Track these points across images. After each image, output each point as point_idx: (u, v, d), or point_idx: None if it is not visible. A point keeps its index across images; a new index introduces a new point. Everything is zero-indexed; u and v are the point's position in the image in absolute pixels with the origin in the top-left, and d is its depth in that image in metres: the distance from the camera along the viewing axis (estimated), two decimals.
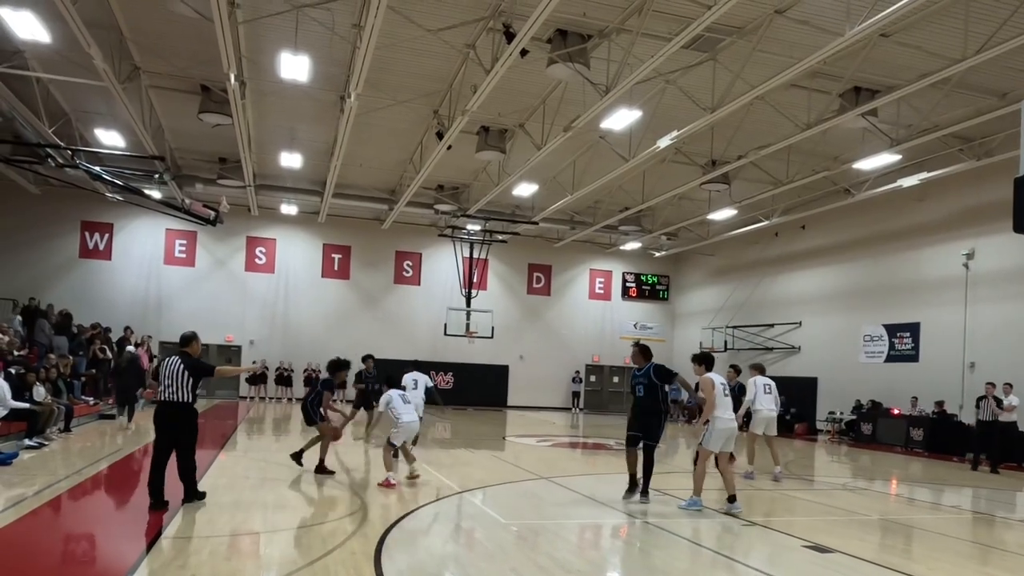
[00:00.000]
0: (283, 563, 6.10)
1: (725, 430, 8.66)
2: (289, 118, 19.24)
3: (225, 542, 6.54)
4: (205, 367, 8.47)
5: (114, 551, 6.55)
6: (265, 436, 17.29)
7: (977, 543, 8.26)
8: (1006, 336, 18.79)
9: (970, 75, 13.92)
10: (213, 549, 6.22)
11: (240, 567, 5.78)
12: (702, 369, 8.91)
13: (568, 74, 13.53)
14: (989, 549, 7.99)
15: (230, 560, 5.92)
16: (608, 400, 33.18)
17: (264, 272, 29.59)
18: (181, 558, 5.93)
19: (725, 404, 8.72)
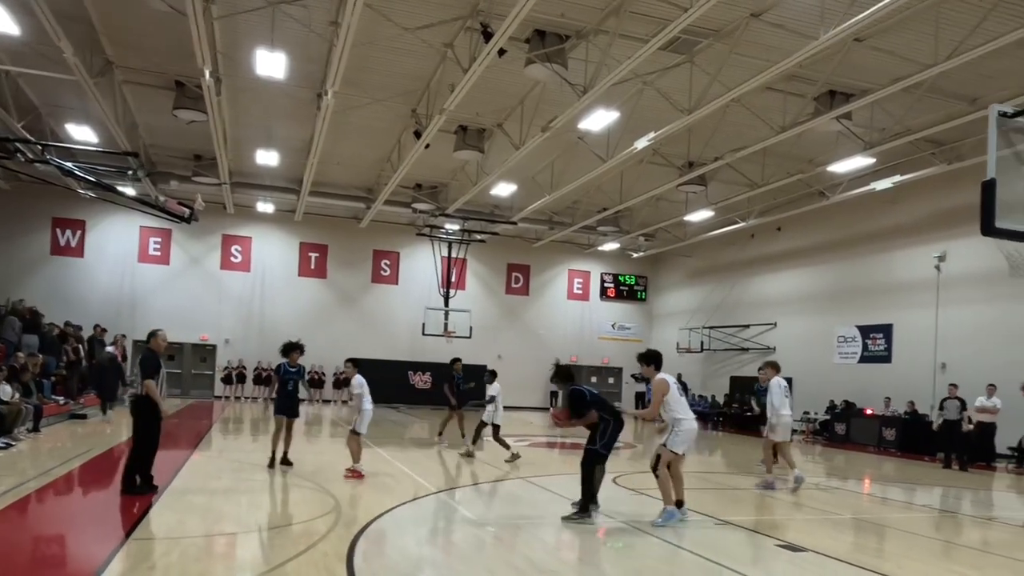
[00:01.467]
0: (254, 564, 6.04)
1: (690, 431, 8.10)
2: (265, 115, 19.06)
3: (195, 543, 6.46)
4: (144, 368, 8.47)
5: (82, 552, 6.44)
6: (240, 436, 17.11)
7: (946, 541, 8.38)
8: (976, 337, 19.11)
9: (941, 80, 14.14)
10: (183, 550, 6.15)
11: (209, 568, 5.72)
12: (652, 370, 8.16)
13: (546, 74, 13.54)
14: (958, 547, 8.12)
15: (199, 561, 5.85)
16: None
17: (240, 271, 29.28)
18: (150, 559, 5.85)
19: (684, 404, 8.13)
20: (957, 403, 16.15)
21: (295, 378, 11.14)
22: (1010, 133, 6.39)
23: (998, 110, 6.15)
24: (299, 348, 11.16)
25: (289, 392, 11.02)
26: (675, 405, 8.04)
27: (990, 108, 6.14)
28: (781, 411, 10.96)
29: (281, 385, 11.01)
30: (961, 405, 16.12)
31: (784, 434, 11.18)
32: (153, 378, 8.32)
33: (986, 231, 6.11)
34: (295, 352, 11.09)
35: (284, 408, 10.99)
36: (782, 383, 11.07)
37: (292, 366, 11.11)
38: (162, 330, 8.89)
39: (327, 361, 29.18)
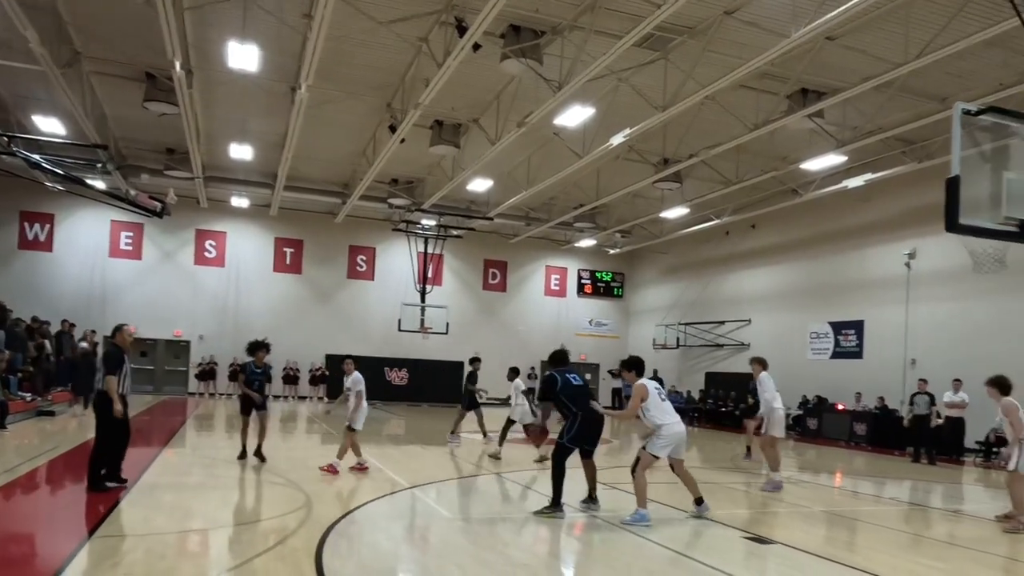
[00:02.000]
0: (221, 561, 5.99)
1: (673, 435, 7.94)
2: (239, 109, 18.84)
3: (162, 540, 6.38)
4: (107, 363, 8.39)
5: (43, 551, 6.33)
6: (213, 433, 16.92)
7: (914, 534, 8.51)
8: (944, 334, 19.44)
9: (911, 79, 14.34)
10: (149, 547, 6.07)
11: (175, 565, 5.64)
12: (633, 375, 8.14)
13: (521, 70, 13.53)
14: (925, 539, 8.25)
15: (164, 559, 5.77)
16: None
17: (214, 266, 28.95)
18: (115, 556, 5.77)
19: (666, 409, 8.00)
20: (927, 398, 16.42)
21: (260, 379, 11.01)
22: (975, 131, 6.49)
23: (962, 108, 6.23)
24: (265, 347, 11.02)
25: (258, 390, 10.97)
26: (655, 410, 7.93)
27: (954, 106, 6.22)
28: (774, 405, 10.93)
29: (247, 384, 10.93)
30: (930, 400, 16.39)
31: (779, 429, 11.10)
32: (115, 374, 8.19)
33: (950, 227, 6.20)
34: (261, 351, 10.96)
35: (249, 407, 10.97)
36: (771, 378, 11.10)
37: (258, 366, 10.98)
38: (128, 325, 8.76)
39: (302, 357, 29.00)
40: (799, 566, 6.50)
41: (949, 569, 6.66)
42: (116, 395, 8.16)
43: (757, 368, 11.26)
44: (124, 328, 8.63)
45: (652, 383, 8.09)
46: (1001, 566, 7.06)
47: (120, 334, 8.56)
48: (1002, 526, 8.59)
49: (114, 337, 8.58)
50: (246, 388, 10.99)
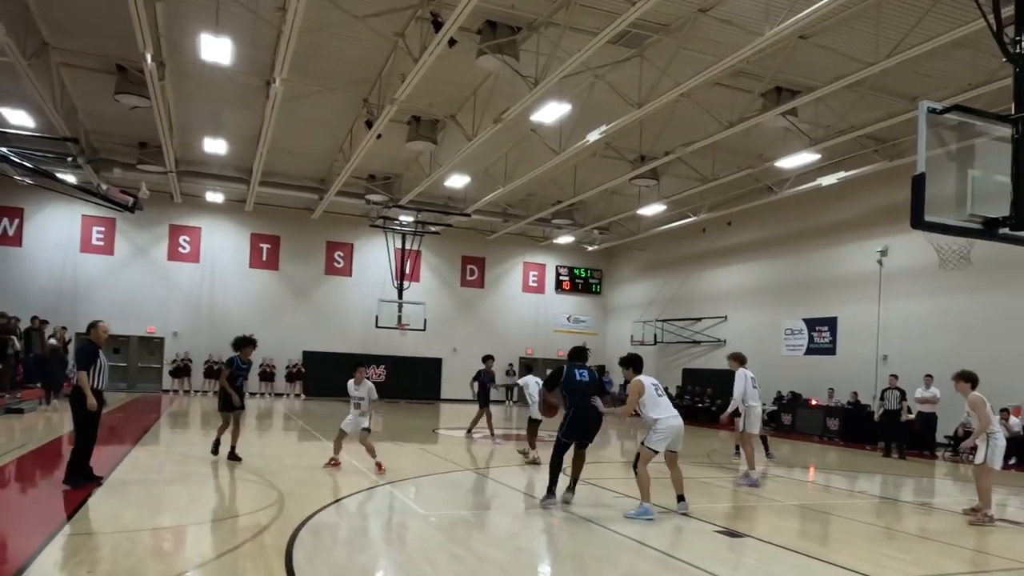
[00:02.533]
0: (188, 558, 5.93)
1: (669, 428, 8.11)
2: (212, 102, 18.63)
3: (129, 537, 6.30)
4: (79, 359, 8.38)
5: (8, 548, 6.22)
6: (187, 430, 16.74)
7: (882, 527, 8.62)
8: (915, 330, 19.74)
9: (882, 79, 14.53)
10: (115, 544, 6.00)
11: (141, 563, 5.57)
12: (631, 372, 8.33)
13: (497, 66, 13.51)
14: (893, 532, 8.36)
15: (131, 556, 5.70)
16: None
17: (188, 261, 28.63)
18: (80, 554, 5.69)
19: (662, 404, 8.16)
20: (897, 393, 16.67)
21: (245, 375, 10.81)
22: (942, 130, 6.56)
23: (928, 106, 6.30)
24: (252, 343, 10.81)
25: (238, 388, 10.70)
26: (651, 406, 8.11)
27: (920, 104, 6.29)
28: (750, 402, 11.05)
29: (231, 380, 10.61)
30: (900, 395, 16.64)
31: (755, 425, 11.23)
32: (88, 370, 8.17)
33: (916, 224, 6.26)
34: (249, 347, 10.73)
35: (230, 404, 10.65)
36: (748, 374, 11.16)
37: (244, 362, 10.77)
38: (103, 321, 8.70)
39: (279, 354, 28.77)
40: (769, 559, 6.57)
41: (915, 560, 6.77)
42: (89, 390, 8.11)
43: (734, 364, 11.34)
44: (99, 324, 8.58)
45: (649, 379, 8.25)
46: (966, 558, 7.19)
47: (95, 330, 8.53)
48: (968, 519, 8.74)
49: (89, 333, 8.56)
50: (229, 384, 10.64)
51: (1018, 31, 6.51)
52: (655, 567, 6.17)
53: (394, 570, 5.92)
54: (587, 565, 6.32)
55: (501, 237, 31.58)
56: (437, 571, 5.68)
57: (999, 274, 17.04)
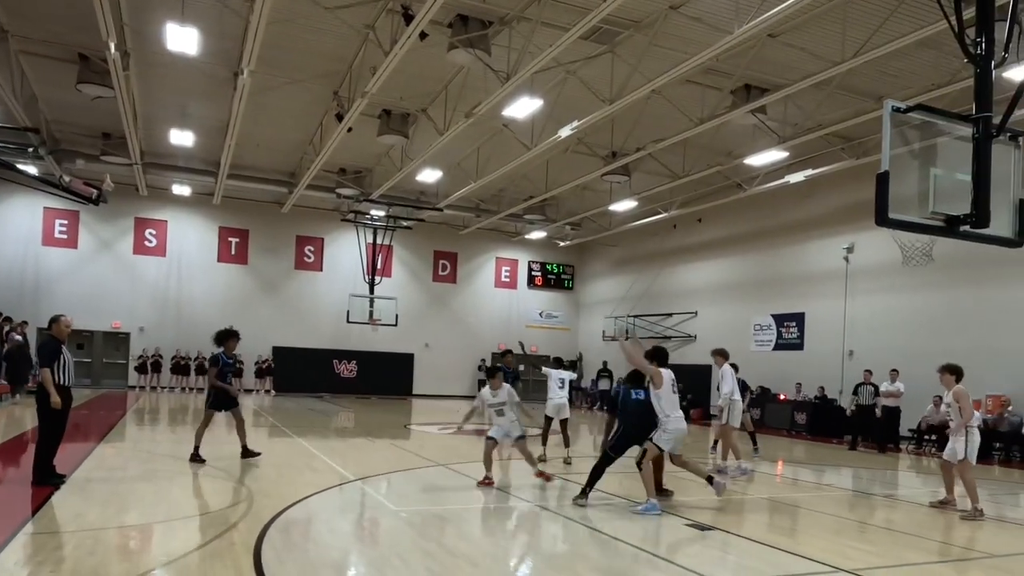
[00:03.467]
0: (154, 556, 5.85)
1: (676, 431, 8.25)
2: (179, 93, 18.29)
3: (93, 535, 6.19)
4: (42, 355, 8.23)
5: None
6: (155, 427, 16.48)
7: (848, 519, 8.78)
8: (880, 325, 20.11)
9: (849, 78, 14.76)
10: (79, 543, 5.89)
11: (105, 561, 5.48)
12: (655, 364, 8.44)
13: (469, 60, 13.46)
14: (859, 524, 8.52)
15: (95, 554, 5.60)
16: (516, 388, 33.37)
17: (154, 255, 28.13)
18: (42, 553, 5.58)
19: (674, 402, 8.31)
20: (871, 388, 16.93)
21: (233, 369, 10.60)
22: (905, 129, 6.67)
23: (892, 105, 6.42)
24: (236, 335, 10.56)
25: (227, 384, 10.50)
26: (667, 401, 8.21)
27: (885, 103, 6.40)
28: (734, 396, 11.38)
29: (220, 377, 10.36)
30: (875, 391, 16.91)
31: (738, 419, 11.60)
32: (51, 366, 8.02)
33: (880, 222, 6.38)
34: (232, 340, 10.45)
35: (223, 403, 10.42)
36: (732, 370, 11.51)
37: (229, 356, 10.55)
38: (65, 315, 8.53)
39: (248, 349, 28.33)
40: (738, 552, 6.66)
41: (880, 552, 6.92)
42: (52, 387, 7.97)
43: (719, 360, 11.61)
44: (61, 319, 8.41)
45: (669, 375, 8.39)
46: (929, 548, 7.35)
47: (56, 325, 8.36)
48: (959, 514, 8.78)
49: (50, 328, 8.38)
50: (218, 382, 10.36)
51: (979, 32, 6.65)
52: (626, 561, 6.22)
53: (365, 566, 5.90)
54: (559, 560, 6.35)
55: (473, 232, 31.53)
56: (408, 567, 5.67)
57: (960, 271, 17.43)
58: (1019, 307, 16.74)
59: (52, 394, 7.93)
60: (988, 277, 17.21)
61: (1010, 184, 6.77)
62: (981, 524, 8.42)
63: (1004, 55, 6.73)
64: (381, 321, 27.80)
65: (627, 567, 6.02)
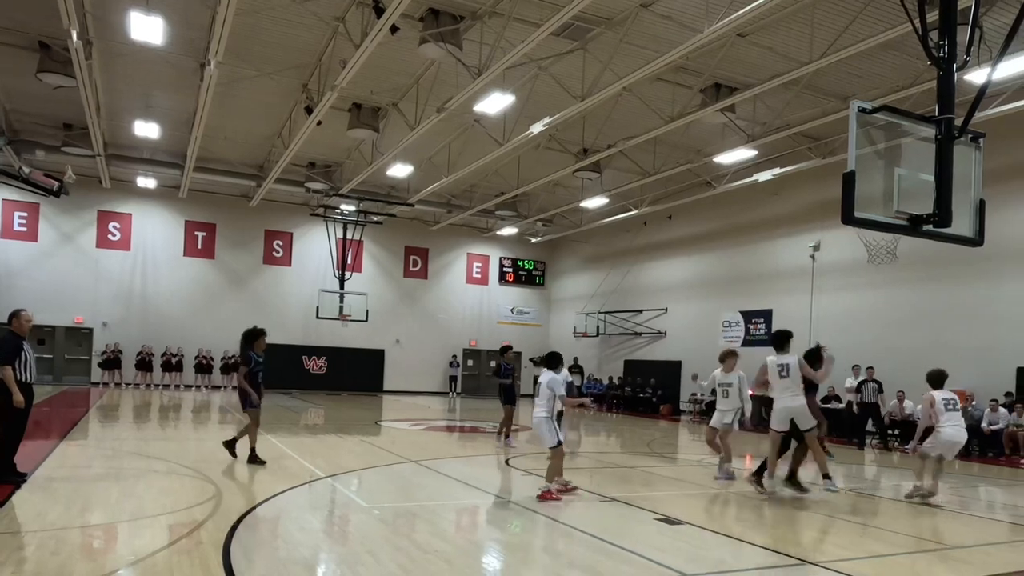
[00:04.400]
0: (120, 556, 5.74)
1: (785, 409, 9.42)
2: (144, 84, 17.94)
3: (56, 535, 6.05)
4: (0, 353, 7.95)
5: None
6: (117, 425, 16.17)
7: (816, 512, 8.91)
8: (845, 322, 20.48)
9: (817, 78, 15.00)
10: (41, 543, 5.76)
11: (68, 562, 5.36)
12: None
13: (440, 54, 13.40)
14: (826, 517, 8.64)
15: (57, 555, 5.48)
16: (485, 384, 33.31)
17: (118, 249, 27.60)
18: (3, 554, 5.45)
19: (783, 386, 9.55)
20: (874, 386, 16.58)
21: (262, 368, 10.33)
22: (871, 130, 6.80)
23: (858, 106, 6.54)
24: (263, 333, 10.28)
25: (259, 384, 10.24)
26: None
27: (851, 104, 6.52)
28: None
29: (252, 377, 10.13)
30: (878, 388, 16.58)
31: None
32: (12, 364, 7.83)
33: (846, 220, 6.50)
34: (261, 338, 10.21)
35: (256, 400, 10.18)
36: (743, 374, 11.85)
37: (259, 355, 10.29)
38: (26, 310, 8.34)
39: (216, 345, 28.07)
40: (706, 545, 6.74)
41: (844, 543, 7.05)
42: (14, 385, 7.78)
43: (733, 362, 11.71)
44: (21, 314, 8.21)
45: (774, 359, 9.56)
46: (895, 541, 7.51)
47: (17, 320, 8.16)
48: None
49: (10, 324, 8.15)
50: (245, 382, 10.09)
51: (941, 35, 6.80)
52: (596, 555, 6.26)
53: (335, 563, 5.86)
54: (530, 554, 6.38)
55: (445, 228, 31.44)
56: (380, 563, 5.64)
57: (924, 269, 17.82)
58: (980, 305, 17.18)
59: (15, 393, 7.75)
60: (950, 275, 17.62)
61: (971, 185, 6.94)
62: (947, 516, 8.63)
63: (966, 58, 6.89)
64: (351, 317, 27.62)
65: (597, 561, 6.06)
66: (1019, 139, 16.18)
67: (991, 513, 9.51)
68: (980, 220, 6.96)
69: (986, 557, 6.87)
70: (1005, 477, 12.34)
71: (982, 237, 7.00)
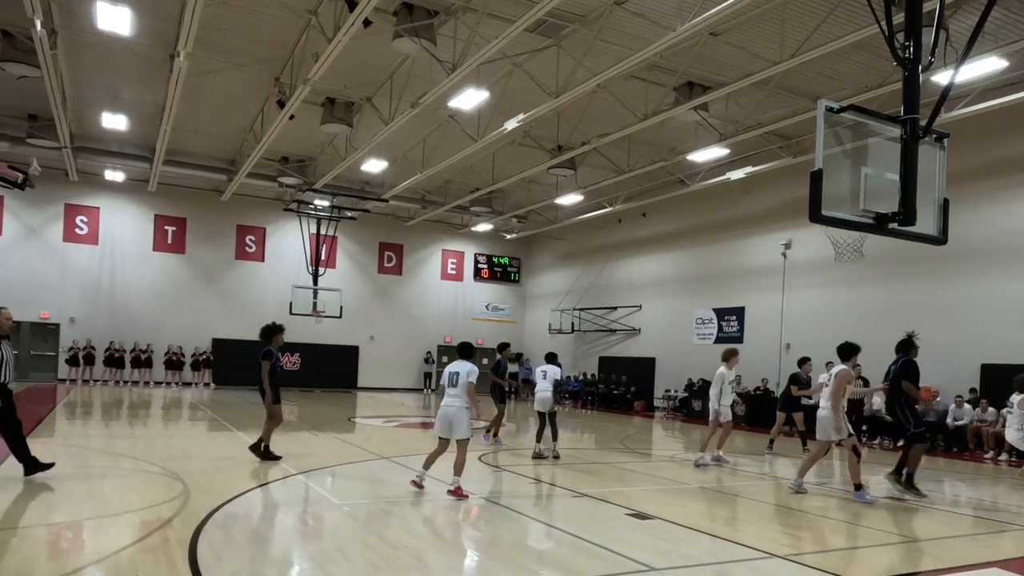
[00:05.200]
0: (84, 554, 5.65)
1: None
2: (111, 75, 17.60)
3: (18, 534, 5.95)
4: None
5: None
6: (86, 421, 15.89)
7: (783, 507, 9.03)
8: (815, 319, 20.78)
9: (787, 78, 15.16)
10: (2, 541, 5.66)
11: (30, 561, 5.27)
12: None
13: (414, 49, 13.32)
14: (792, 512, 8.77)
15: (18, 553, 5.39)
16: None
17: (86, 243, 27.09)
18: None
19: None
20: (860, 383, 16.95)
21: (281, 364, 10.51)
22: (839, 129, 6.90)
23: (826, 105, 6.62)
24: (282, 330, 10.55)
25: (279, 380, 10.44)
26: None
27: (819, 103, 6.60)
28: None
29: (272, 372, 10.27)
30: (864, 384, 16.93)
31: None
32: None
33: (814, 218, 6.58)
34: (279, 334, 10.44)
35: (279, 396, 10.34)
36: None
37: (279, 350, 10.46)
38: (6, 308, 8.23)
39: (187, 341, 27.71)
40: (675, 539, 6.81)
41: (810, 537, 7.16)
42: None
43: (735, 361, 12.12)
44: (2, 312, 8.10)
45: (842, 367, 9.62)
46: (858, 534, 7.64)
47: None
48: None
49: None
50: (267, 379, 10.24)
51: (907, 37, 6.91)
52: (568, 550, 6.29)
53: (306, 561, 5.82)
54: (502, 550, 6.38)
55: (419, 224, 31.32)
56: (350, 561, 5.62)
57: (889, 267, 18.12)
58: (945, 303, 17.50)
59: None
60: (917, 274, 17.93)
61: (935, 184, 7.07)
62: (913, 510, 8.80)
63: (931, 60, 7.01)
64: (325, 313, 27.41)
65: (566, 555, 6.09)
66: (983, 140, 16.52)
67: (956, 507, 9.70)
68: (944, 219, 7.09)
69: (949, 550, 7.02)
70: (970, 472, 12.61)
71: (946, 236, 7.13)
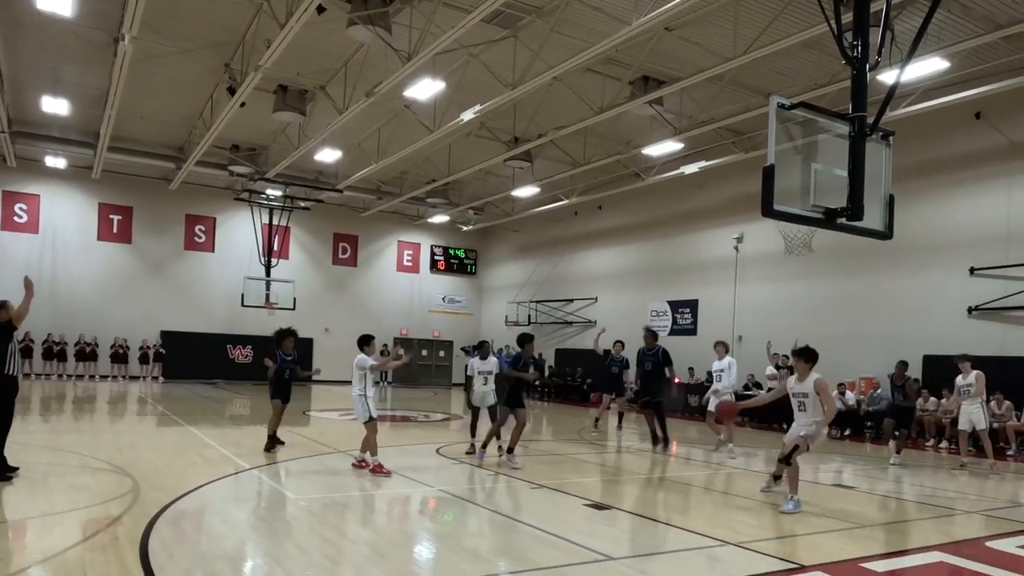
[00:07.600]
0: (29, 554, 5.47)
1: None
2: (52, 57, 16.94)
3: None
4: None
5: None
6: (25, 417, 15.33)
7: (736, 495, 9.25)
8: (765, 312, 21.24)
9: (741, 74, 15.42)
10: None
11: None
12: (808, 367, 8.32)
13: (369, 37, 13.13)
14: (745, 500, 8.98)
15: None
16: (417, 373, 33.10)
17: (25, 232, 26.06)
18: None
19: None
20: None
21: (291, 366, 11.05)
22: (790, 126, 7.04)
23: (778, 102, 6.76)
24: (292, 333, 11.11)
25: (286, 380, 10.99)
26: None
27: (770, 99, 6.73)
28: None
29: (278, 373, 10.91)
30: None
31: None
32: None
33: (766, 212, 6.72)
34: (289, 339, 10.98)
35: (281, 394, 10.98)
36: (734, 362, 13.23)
37: (287, 354, 10.99)
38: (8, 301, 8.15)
39: (133, 334, 26.95)
40: (632, 529, 6.92)
41: (761, 524, 7.35)
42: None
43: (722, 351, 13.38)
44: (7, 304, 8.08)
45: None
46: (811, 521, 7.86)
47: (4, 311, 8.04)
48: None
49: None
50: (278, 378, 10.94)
51: (855, 36, 7.09)
52: (527, 541, 6.34)
53: (261, 556, 5.74)
54: (461, 541, 6.40)
55: (375, 215, 31.00)
56: (307, 556, 5.56)
57: (837, 262, 18.61)
58: (888, 295, 18.07)
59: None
60: (862, 268, 18.46)
61: (882, 180, 7.29)
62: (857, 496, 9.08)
63: (878, 59, 7.20)
64: (278, 305, 26.95)
65: (525, 546, 6.14)
66: (926, 138, 17.08)
67: (898, 493, 10.06)
68: (890, 214, 7.32)
69: (892, 535, 7.28)
70: (911, 459, 13.07)
71: (891, 231, 7.35)
